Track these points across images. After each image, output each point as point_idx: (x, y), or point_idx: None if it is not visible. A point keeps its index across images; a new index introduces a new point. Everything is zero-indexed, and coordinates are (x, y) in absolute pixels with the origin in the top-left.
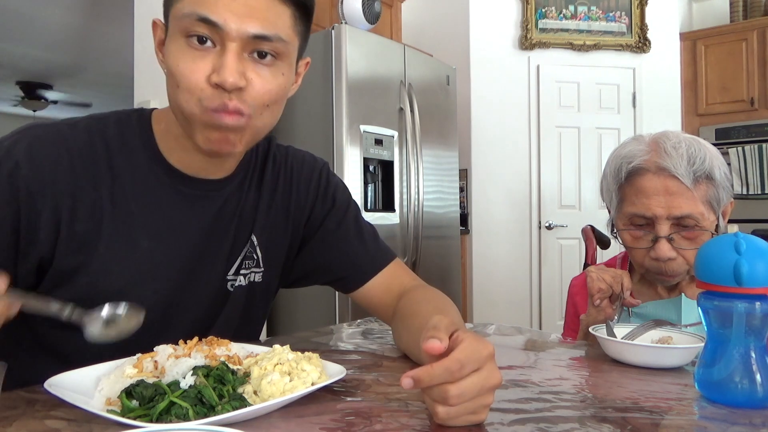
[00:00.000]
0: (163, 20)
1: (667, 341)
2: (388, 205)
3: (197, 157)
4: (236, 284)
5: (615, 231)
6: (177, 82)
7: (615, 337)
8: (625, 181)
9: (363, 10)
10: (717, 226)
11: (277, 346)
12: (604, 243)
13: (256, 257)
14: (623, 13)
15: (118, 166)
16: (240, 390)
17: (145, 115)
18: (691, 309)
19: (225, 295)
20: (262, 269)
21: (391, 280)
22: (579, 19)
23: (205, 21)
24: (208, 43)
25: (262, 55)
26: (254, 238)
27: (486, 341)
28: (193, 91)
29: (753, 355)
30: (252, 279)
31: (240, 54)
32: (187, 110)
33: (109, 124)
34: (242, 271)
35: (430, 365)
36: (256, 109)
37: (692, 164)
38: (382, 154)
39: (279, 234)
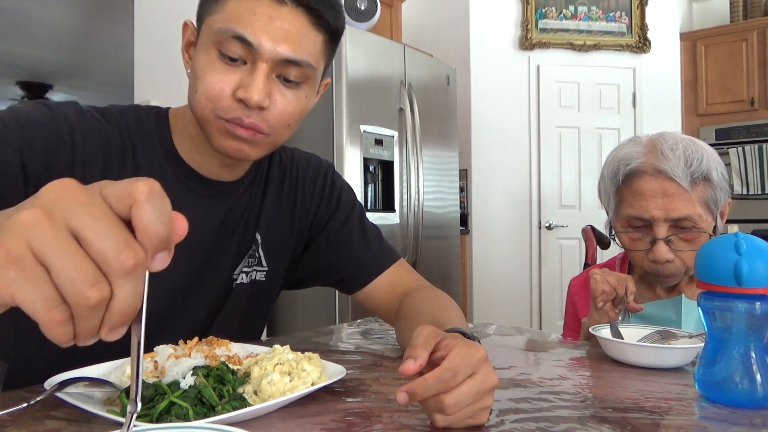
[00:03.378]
0: (195, 23)
1: (667, 341)
2: (388, 205)
3: (211, 159)
4: (238, 282)
5: (613, 233)
6: (197, 87)
7: (621, 337)
8: (622, 183)
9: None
10: (715, 227)
11: (277, 346)
12: (604, 243)
13: (258, 256)
14: (623, 13)
15: (139, 159)
16: (240, 390)
17: (162, 113)
18: (690, 309)
19: (227, 292)
20: (266, 268)
21: (394, 280)
22: (579, 19)
23: (240, 39)
24: (239, 62)
25: (288, 78)
26: (258, 237)
27: (477, 345)
28: (211, 99)
29: (753, 355)
30: (255, 278)
31: (269, 75)
32: (201, 115)
33: (130, 117)
34: (245, 269)
35: (423, 377)
36: (277, 129)
37: (689, 166)
38: (382, 154)
39: (283, 234)
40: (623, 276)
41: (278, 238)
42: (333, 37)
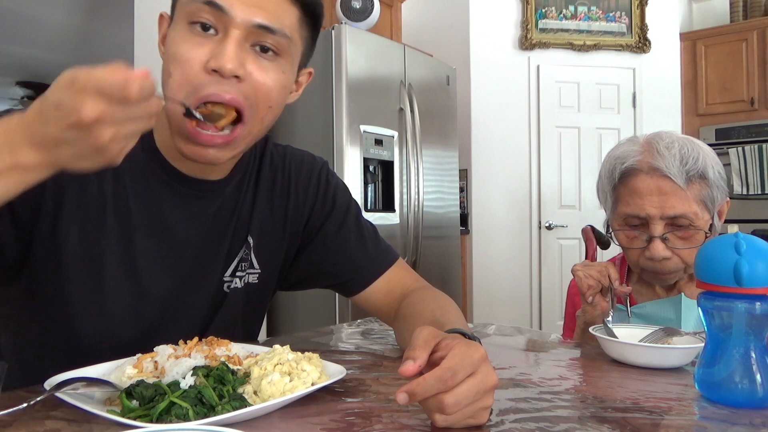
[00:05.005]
0: (169, 14)
1: (667, 341)
2: (388, 205)
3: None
4: (232, 286)
5: (611, 231)
6: (171, 70)
7: (614, 336)
8: (618, 181)
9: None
10: (711, 225)
11: (277, 346)
12: (604, 243)
13: (250, 259)
14: (623, 13)
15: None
16: (240, 390)
17: None
18: (690, 308)
19: (221, 296)
20: (258, 270)
21: (392, 282)
22: (579, 20)
23: (211, 4)
24: (211, 31)
25: (264, 49)
26: (250, 240)
27: (477, 345)
28: (184, 79)
29: (753, 355)
30: (247, 280)
31: (242, 43)
32: (171, 108)
33: None
34: (238, 273)
35: (422, 377)
36: (259, 108)
37: (685, 164)
38: (382, 154)
39: (275, 236)
40: (603, 264)
41: (270, 239)
42: (309, 16)
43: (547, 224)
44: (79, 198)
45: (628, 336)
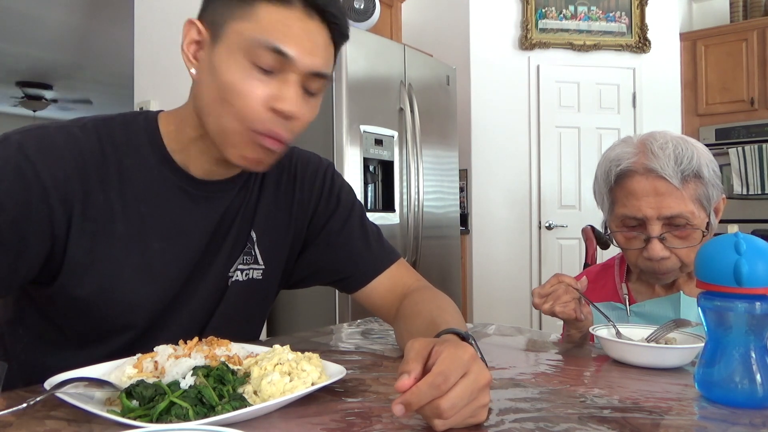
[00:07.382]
0: (199, 22)
1: (668, 341)
2: (388, 205)
3: (208, 159)
4: (233, 279)
5: (608, 232)
6: (227, 97)
7: (622, 337)
8: (614, 183)
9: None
10: (708, 223)
11: (277, 346)
12: (604, 243)
13: (254, 254)
14: (623, 13)
15: (126, 168)
16: (240, 390)
17: (151, 117)
18: (689, 306)
19: (223, 289)
20: (263, 267)
21: (394, 280)
22: (579, 20)
23: (278, 52)
24: (271, 72)
25: (309, 89)
26: (253, 235)
27: (465, 345)
28: (245, 112)
29: (753, 355)
30: (251, 276)
31: (298, 86)
32: (229, 126)
33: (116, 126)
34: (240, 266)
35: (415, 385)
36: (295, 135)
37: (680, 164)
38: (382, 154)
39: (280, 233)
40: (559, 284)
41: (274, 236)
42: (337, 49)
43: (547, 224)
44: (84, 210)
45: (635, 336)
